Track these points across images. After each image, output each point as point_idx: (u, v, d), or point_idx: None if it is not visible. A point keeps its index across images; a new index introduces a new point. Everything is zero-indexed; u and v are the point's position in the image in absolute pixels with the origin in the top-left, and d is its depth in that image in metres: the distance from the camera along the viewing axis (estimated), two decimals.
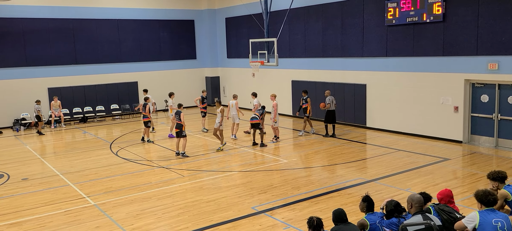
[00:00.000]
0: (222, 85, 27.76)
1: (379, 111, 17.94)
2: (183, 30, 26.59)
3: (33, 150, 16.77)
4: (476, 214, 5.67)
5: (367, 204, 6.45)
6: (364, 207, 6.46)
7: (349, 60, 18.86)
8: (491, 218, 5.58)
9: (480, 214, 5.65)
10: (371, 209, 6.43)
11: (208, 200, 10.36)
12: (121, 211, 9.82)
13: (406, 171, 12.18)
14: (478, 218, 5.61)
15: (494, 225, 5.52)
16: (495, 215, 5.64)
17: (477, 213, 5.68)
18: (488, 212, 5.67)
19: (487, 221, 5.56)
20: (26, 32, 21.87)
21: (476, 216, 5.64)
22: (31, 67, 22.15)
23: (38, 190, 11.64)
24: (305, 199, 10.17)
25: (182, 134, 14.58)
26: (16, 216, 9.79)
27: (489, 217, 5.60)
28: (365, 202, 6.47)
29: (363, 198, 6.51)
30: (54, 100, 21.72)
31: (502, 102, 14.37)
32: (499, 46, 13.87)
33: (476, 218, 5.63)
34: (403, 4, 16.06)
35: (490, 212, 5.68)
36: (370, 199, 6.47)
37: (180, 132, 14.58)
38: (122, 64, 24.76)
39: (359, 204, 6.56)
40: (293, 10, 20.46)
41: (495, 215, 5.63)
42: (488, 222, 5.55)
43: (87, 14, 23.43)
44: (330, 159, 13.82)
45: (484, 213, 5.67)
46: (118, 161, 14.49)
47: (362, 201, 6.51)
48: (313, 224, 5.84)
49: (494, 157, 13.59)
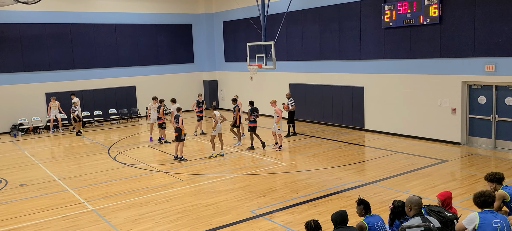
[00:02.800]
0: (220, 89, 27.76)
1: (377, 114, 17.97)
2: (180, 34, 26.60)
3: (31, 155, 16.73)
4: (475, 215, 5.67)
5: (363, 206, 6.34)
6: (361, 210, 6.36)
7: (347, 63, 18.89)
8: (491, 219, 5.58)
9: (479, 215, 5.65)
10: (368, 211, 6.36)
11: (206, 204, 10.35)
12: (120, 216, 9.80)
13: (404, 173, 12.19)
14: (477, 219, 5.62)
15: (494, 226, 5.52)
16: (494, 216, 5.65)
17: (476, 214, 5.68)
18: (487, 213, 5.68)
19: (487, 222, 5.57)
20: (24, 38, 21.85)
21: (476, 217, 5.64)
22: (28, 72, 22.11)
23: (36, 196, 11.60)
24: (304, 202, 10.17)
25: (181, 138, 14.58)
26: (14, 222, 9.76)
27: (489, 218, 5.60)
28: (361, 205, 6.37)
29: (358, 202, 6.39)
30: (52, 101, 21.50)
31: (499, 103, 14.41)
32: (496, 47, 13.92)
33: (475, 219, 5.63)
34: (400, 7, 16.12)
35: (489, 213, 5.69)
36: (365, 201, 6.37)
37: (178, 136, 14.57)
38: (119, 69, 24.75)
39: (356, 209, 6.43)
40: (290, 13, 20.50)
41: (494, 216, 5.64)
42: (488, 223, 5.55)
43: (85, 19, 23.43)
44: (329, 162, 13.83)
45: (484, 214, 5.68)
46: (117, 166, 14.46)
47: (357, 205, 6.39)
48: (311, 227, 5.81)
49: (492, 158, 13.62)
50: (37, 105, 22.33)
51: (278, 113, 15.60)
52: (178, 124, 14.53)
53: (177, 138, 14.60)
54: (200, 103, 19.27)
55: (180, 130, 14.54)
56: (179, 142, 14.60)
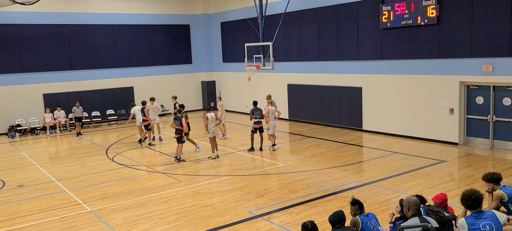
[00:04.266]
0: (218, 90, 27.75)
1: (375, 114, 17.99)
2: (178, 35, 26.59)
3: (28, 156, 16.70)
4: (463, 221, 5.66)
5: (358, 206, 6.47)
6: (356, 210, 6.47)
7: (345, 63, 18.91)
8: (479, 223, 5.56)
9: (467, 221, 5.63)
10: (363, 211, 6.50)
11: (205, 204, 10.34)
12: (118, 217, 9.78)
13: (402, 174, 12.20)
14: (466, 225, 5.61)
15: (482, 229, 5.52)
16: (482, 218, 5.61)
17: (464, 220, 5.67)
18: (475, 216, 5.65)
19: (475, 227, 5.55)
20: (21, 38, 21.81)
21: (464, 223, 5.63)
22: (26, 73, 22.08)
23: (33, 197, 11.57)
24: (302, 203, 10.17)
25: (181, 140, 14.55)
26: (11, 223, 9.73)
27: (477, 222, 5.57)
28: (355, 205, 6.49)
29: (352, 202, 6.51)
30: (58, 110, 21.85)
31: (497, 104, 14.44)
32: (493, 48, 13.95)
33: (464, 225, 5.62)
34: (398, 7, 16.14)
35: (477, 215, 5.66)
36: (358, 201, 6.50)
37: (180, 137, 14.55)
38: (117, 70, 24.72)
39: (351, 210, 6.54)
40: (288, 14, 20.51)
41: (482, 219, 5.60)
42: (476, 228, 5.55)
43: (82, 20, 23.40)
44: (327, 162, 13.83)
45: (470, 218, 5.65)
46: (114, 167, 14.44)
47: (352, 205, 6.50)
48: (308, 228, 5.82)
49: (490, 159, 13.64)
50: (35, 106, 22.28)
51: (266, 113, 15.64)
52: (181, 125, 14.47)
53: (179, 140, 14.58)
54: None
55: (181, 131, 14.51)
56: (180, 144, 14.59)
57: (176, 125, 14.62)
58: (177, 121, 14.63)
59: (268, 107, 15.77)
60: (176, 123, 14.63)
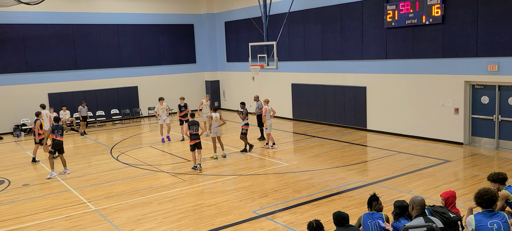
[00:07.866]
0: (222, 89, 27.78)
1: (380, 114, 17.94)
2: (182, 35, 26.62)
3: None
4: (471, 218, 5.64)
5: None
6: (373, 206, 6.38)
7: (349, 63, 18.87)
8: (487, 221, 5.54)
9: (475, 218, 5.61)
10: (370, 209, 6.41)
11: (209, 204, 10.35)
12: (122, 216, 9.80)
13: (407, 173, 12.17)
14: (473, 222, 5.59)
15: (489, 228, 5.49)
16: (491, 217, 5.59)
17: (472, 217, 5.65)
18: (485, 215, 5.63)
19: (482, 224, 5.53)
20: (26, 38, 21.91)
21: (472, 220, 5.61)
22: (31, 73, 22.17)
23: (39, 196, 11.62)
24: (306, 202, 10.15)
25: (200, 145, 13.49)
26: (17, 222, 9.78)
27: (485, 220, 5.55)
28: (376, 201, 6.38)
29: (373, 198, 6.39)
30: (63, 110, 21.86)
31: (502, 103, 14.37)
32: (499, 47, 13.88)
33: (472, 222, 5.61)
34: (402, 7, 16.09)
35: (487, 213, 5.64)
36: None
37: (199, 143, 13.42)
38: (122, 69, 24.79)
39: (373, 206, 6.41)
40: (292, 13, 20.49)
41: (491, 218, 5.58)
42: (484, 225, 5.53)
43: (87, 20, 23.48)
44: (331, 162, 13.81)
45: (480, 216, 5.63)
46: (119, 166, 14.48)
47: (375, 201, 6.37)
48: (313, 227, 5.82)
49: (495, 158, 13.58)
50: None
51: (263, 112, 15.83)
52: (196, 130, 13.43)
53: (198, 146, 13.40)
54: (182, 107, 18.48)
55: (199, 136, 13.44)
56: (199, 149, 13.44)
57: (194, 130, 13.45)
58: (194, 126, 13.47)
59: (265, 107, 15.88)
60: (193, 128, 13.45)
